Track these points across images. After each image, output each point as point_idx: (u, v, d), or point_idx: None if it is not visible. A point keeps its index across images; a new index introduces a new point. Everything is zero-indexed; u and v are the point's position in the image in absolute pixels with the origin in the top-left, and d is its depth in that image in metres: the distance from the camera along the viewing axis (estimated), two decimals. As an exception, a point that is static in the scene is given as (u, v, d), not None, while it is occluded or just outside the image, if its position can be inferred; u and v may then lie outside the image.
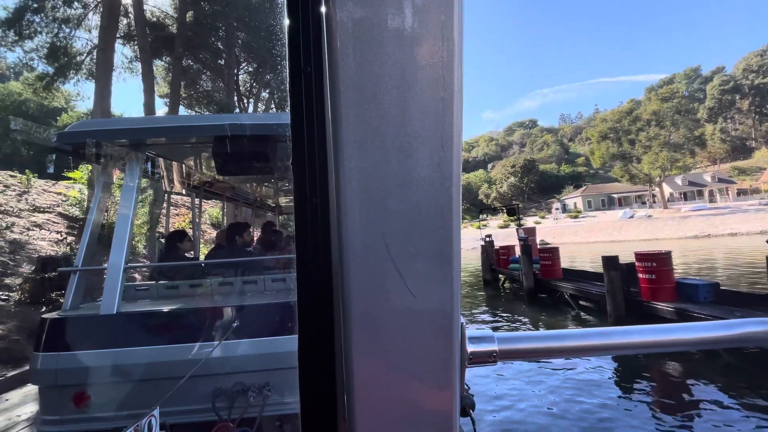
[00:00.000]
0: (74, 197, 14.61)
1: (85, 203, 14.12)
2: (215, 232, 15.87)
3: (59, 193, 15.10)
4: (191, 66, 22.32)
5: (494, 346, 0.56)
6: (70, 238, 11.99)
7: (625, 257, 9.78)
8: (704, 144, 63.79)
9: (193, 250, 4.71)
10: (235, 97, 23.27)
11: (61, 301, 4.15)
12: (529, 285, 13.07)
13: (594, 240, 43.11)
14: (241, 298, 3.47)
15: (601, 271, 9.56)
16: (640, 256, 8.61)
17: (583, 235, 46.42)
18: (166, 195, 6.01)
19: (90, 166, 14.00)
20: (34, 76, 19.14)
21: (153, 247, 13.57)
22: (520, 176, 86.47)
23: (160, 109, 23.48)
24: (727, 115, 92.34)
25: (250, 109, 26.44)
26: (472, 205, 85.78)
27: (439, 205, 0.47)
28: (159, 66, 22.40)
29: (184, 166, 4.98)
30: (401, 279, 0.47)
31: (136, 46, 18.41)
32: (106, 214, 9.79)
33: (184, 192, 5.95)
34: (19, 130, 25.75)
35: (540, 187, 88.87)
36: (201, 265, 4.57)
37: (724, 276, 14.96)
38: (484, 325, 10.70)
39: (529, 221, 61.51)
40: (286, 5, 0.51)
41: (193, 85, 23.90)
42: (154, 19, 20.03)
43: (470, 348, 0.55)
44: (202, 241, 8.27)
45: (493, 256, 17.92)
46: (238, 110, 23.04)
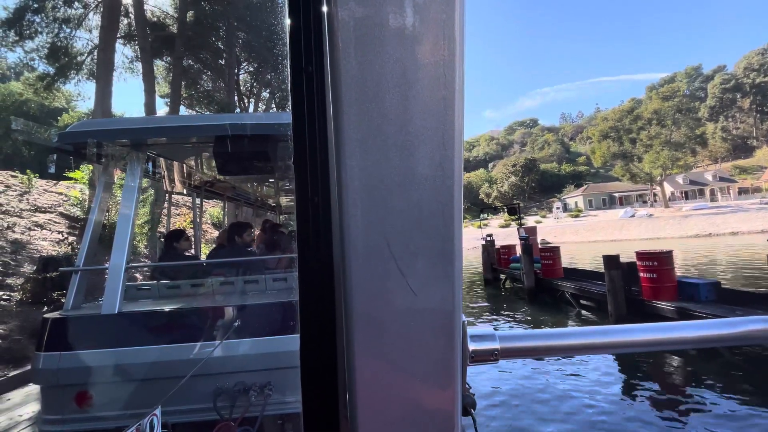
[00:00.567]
0: (75, 197, 14.62)
1: (87, 203, 14.13)
2: (216, 231, 15.89)
3: (60, 193, 15.11)
4: (192, 66, 22.33)
5: (496, 345, 0.56)
6: (71, 238, 12.00)
7: (627, 256, 9.78)
8: (705, 143, 63.63)
9: (191, 250, 4.71)
10: (236, 97, 23.28)
11: (63, 300, 4.16)
12: (530, 284, 13.06)
13: (595, 239, 43.05)
14: (243, 297, 3.47)
15: (602, 270, 9.55)
16: (641, 255, 8.60)
17: (584, 235, 46.36)
18: (167, 195, 6.02)
19: (91, 166, 14.01)
20: (35, 77, 19.18)
21: (154, 246, 13.59)
22: (521, 175, 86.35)
23: (161, 109, 23.57)
24: (729, 114, 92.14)
25: (251, 109, 26.48)
26: (473, 205, 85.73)
27: (441, 203, 0.47)
28: (159, 66, 22.41)
29: (185, 166, 4.98)
30: (403, 278, 0.47)
31: (137, 46, 18.43)
32: (107, 214, 9.81)
33: (185, 192, 5.95)
34: (20, 131, 25.79)
35: (541, 187, 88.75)
36: (202, 265, 4.57)
37: (726, 275, 14.94)
38: (484, 323, 10.70)
39: (530, 220, 61.46)
40: (287, 4, 0.51)
41: (194, 84, 23.90)
42: (155, 19, 20.04)
43: (472, 346, 0.55)
44: (203, 240, 8.28)
45: (494, 256, 17.90)
46: (238, 110, 23.06)
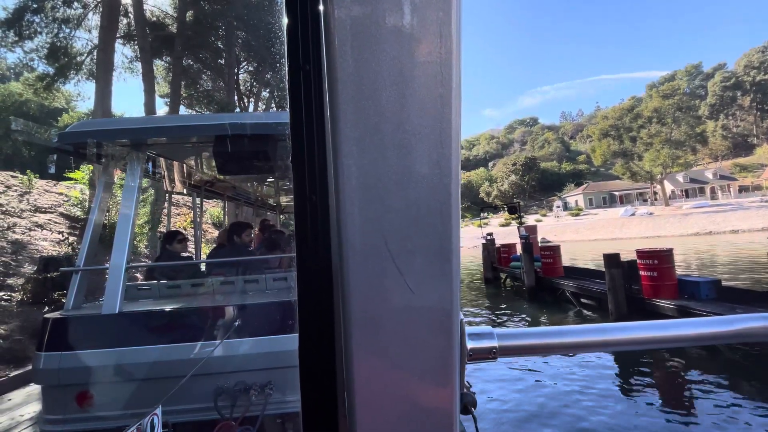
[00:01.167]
0: (75, 197, 14.63)
1: (87, 203, 14.15)
2: (216, 231, 15.90)
3: (61, 194, 15.11)
4: (191, 66, 22.31)
5: (494, 343, 0.56)
6: (71, 238, 12.01)
7: (627, 255, 9.77)
8: (706, 141, 63.58)
9: (186, 251, 4.70)
10: (236, 97, 23.27)
11: (63, 300, 4.16)
12: (531, 283, 13.07)
13: (595, 238, 43.04)
14: (243, 297, 3.47)
15: (602, 268, 9.55)
16: (642, 254, 8.59)
17: (585, 233, 46.36)
18: (167, 195, 6.02)
19: (91, 167, 14.01)
20: (35, 77, 19.16)
21: (154, 246, 13.60)
22: (521, 174, 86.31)
23: (161, 109, 23.55)
24: (729, 112, 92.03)
25: (251, 109, 26.45)
26: (473, 204, 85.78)
27: (438, 202, 0.47)
28: (159, 66, 22.40)
29: (185, 166, 4.98)
30: (401, 276, 0.47)
31: (137, 46, 18.41)
32: (107, 214, 9.82)
33: (185, 192, 5.96)
34: (20, 131, 25.78)
35: (541, 185, 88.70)
36: (200, 265, 4.57)
37: (726, 273, 14.94)
38: (484, 322, 10.71)
39: (530, 219, 61.46)
40: (284, 3, 0.51)
41: (194, 84, 23.89)
42: (154, 19, 20.03)
43: (470, 345, 0.55)
44: (203, 240, 8.28)
45: (495, 255, 17.91)
46: (238, 109, 23.03)
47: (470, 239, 37.65)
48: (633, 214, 55.58)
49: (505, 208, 31.92)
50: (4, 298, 8.26)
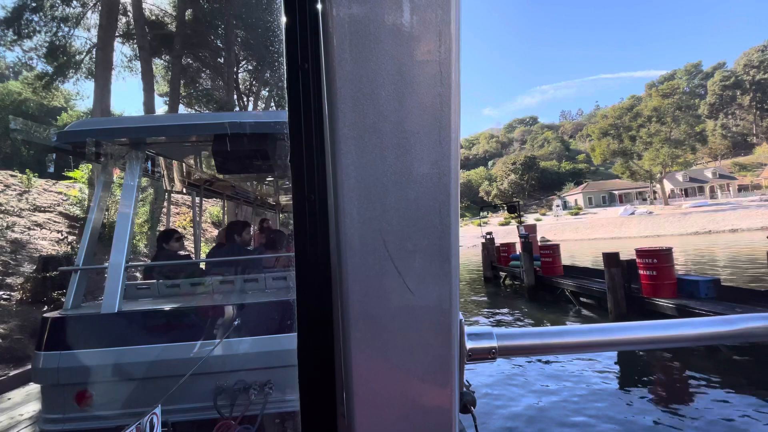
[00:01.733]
0: (75, 196, 14.63)
1: (86, 202, 14.14)
2: (216, 230, 15.89)
3: (60, 193, 15.10)
4: (191, 64, 22.27)
5: (493, 343, 0.56)
6: (70, 238, 12.00)
7: (626, 254, 9.78)
8: (705, 140, 63.61)
9: (183, 249, 4.69)
10: (235, 96, 23.24)
11: (63, 300, 4.15)
12: (530, 282, 13.08)
13: (595, 237, 43.08)
14: (242, 296, 3.47)
15: (601, 267, 9.56)
16: (641, 253, 8.60)
17: (584, 232, 46.39)
18: (167, 194, 6.01)
19: (90, 166, 14.01)
20: (34, 76, 19.13)
21: (154, 246, 13.59)
22: (521, 173, 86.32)
23: (160, 108, 23.57)
24: (728, 111, 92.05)
25: (250, 107, 26.42)
26: (473, 203, 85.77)
27: (437, 201, 0.47)
28: (158, 65, 22.34)
29: (184, 165, 4.97)
30: (399, 276, 0.47)
31: (136, 45, 18.38)
32: (106, 213, 9.81)
33: (184, 191, 5.95)
34: (19, 130, 25.73)
35: (541, 184, 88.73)
36: (199, 265, 4.56)
37: (725, 272, 14.95)
38: (484, 321, 10.71)
39: (529, 218, 61.49)
40: (283, 2, 0.51)
41: (193, 83, 23.84)
42: (153, 18, 19.99)
43: (469, 345, 0.55)
44: (203, 239, 8.28)
45: (494, 254, 17.93)
46: (237, 108, 23.01)
47: (470, 238, 37.68)
48: (632, 213, 55.60)
49: (505, 207, 31.90)
50: (4, 297, 8.26)
